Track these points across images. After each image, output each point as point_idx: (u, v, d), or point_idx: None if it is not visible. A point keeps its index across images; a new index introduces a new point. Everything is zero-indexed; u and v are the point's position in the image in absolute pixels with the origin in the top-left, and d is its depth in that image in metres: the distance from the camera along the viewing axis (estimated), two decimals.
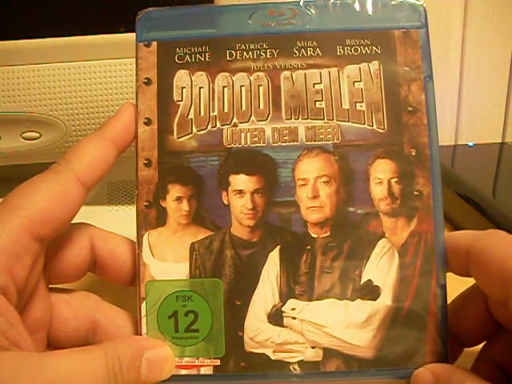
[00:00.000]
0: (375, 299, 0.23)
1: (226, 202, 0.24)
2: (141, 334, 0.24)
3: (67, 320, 0.23)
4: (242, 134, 0.24)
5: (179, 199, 0.24)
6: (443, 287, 0.23)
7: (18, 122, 0.33)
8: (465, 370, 0.21)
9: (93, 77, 0.33)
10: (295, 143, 0.24)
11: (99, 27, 0.33)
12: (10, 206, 0.21)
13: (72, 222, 0.23)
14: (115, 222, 0.27)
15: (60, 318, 0.23)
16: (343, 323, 0.23)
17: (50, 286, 0.24)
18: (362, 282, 0.23)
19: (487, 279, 0.21)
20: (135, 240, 0.24)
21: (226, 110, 0.25)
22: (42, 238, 0.21)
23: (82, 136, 0.34)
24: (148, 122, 0.25)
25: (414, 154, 0.24)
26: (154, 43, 0.25)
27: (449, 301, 0.24)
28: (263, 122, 0.24)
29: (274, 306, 0.24)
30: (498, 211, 0.37)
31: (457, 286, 0.25)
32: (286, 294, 0.24)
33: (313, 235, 0.24)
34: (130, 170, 0.25)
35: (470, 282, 0.23)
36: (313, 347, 0.23)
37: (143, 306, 0.24)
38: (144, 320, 0.24)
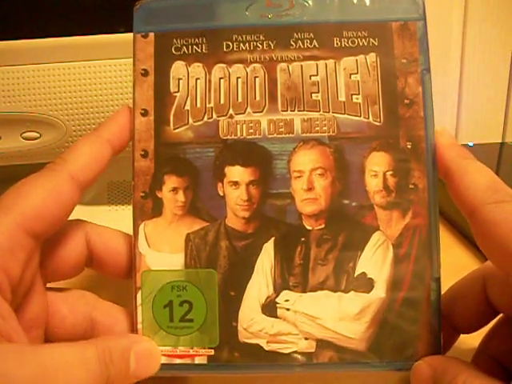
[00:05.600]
0: (369, 292, 0.22)
1: (221, 194, 0.23)
2: (136, 323, 0.23)
3: (65, 317, 0.23)
4: (238, 126, 0.24)
5: (175, 190, 0.24)
6: (437, 280, 0.22)
7: (18, 122, 0.32)
8: (462, 361, 0.21)
9: (93, 77, 0.32)
10: (291, 135, 0.23)
11: (99, 27, 0.32)
12: (4, 204, 0.20)
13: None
14: (115, 222, 0.26)
15: (58, 315, 0.23)
16: (337, 315, 0.22)
17: (48, 284, 0.23)
18: (356, 275, 0.23)
19: (492, 251, 0.20)
20: (131, 232, 0.24)
21: (222, 102, 0.24)
22: (37, 234, 0.21)
23: (82, 136, 0.33)
24: (145, 113, 0.24)
25: (409, 146, 0.23)
26: (152, 34, 0.24)
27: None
28: (259, 114, 0.24)
29: (267, 297, 0.23)
30: None
31: (452, 279, 0.24)
32: (280, 285, 0.23)
33: (307, 227, 0.23)
34: (130, 171, 0.24)
35: (464, 269, 0.23)
36: (306, 338, 0.22)
37: (139, 295, 0.23)
38: (139, 309, 0.23)
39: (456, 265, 0.24)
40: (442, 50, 0.56)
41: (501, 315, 0.23)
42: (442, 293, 0.22)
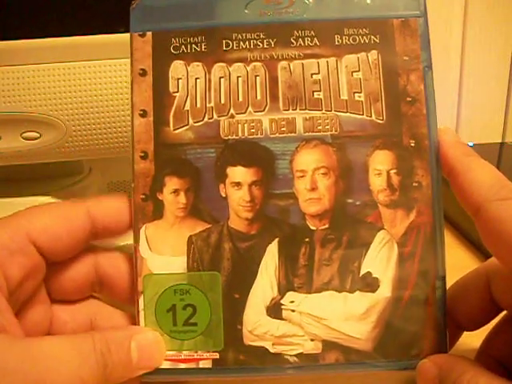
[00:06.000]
0: (374, 291, 0.22)
1: (223, 195, 0.23)
2: None
3: (65, 322, 0.23)
4: (239, 126, 0.23)
5: (176, 192, 0.23)
6: (442, 279, 0.22)
7: (18, 122, 0.32)
8: (467, 359, 0.20)
9: (93, 77, 0.32)
10: (293, 134, 0.23)
11: (99, 27, 0.31)
12: (17, 214, 0.21)
13: None
14: None
15: (59, 321, 0.23)
16: (342, 315, 0.22)
17: None
18: (361, 274, 0.22)
19: (497, 249, 0.20)
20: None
21: (222, 101, 0.23)
22: (40, 246, 0.21)
23: (82, 136, 0.32)
24: (144, 114, 0.23)
25: (413, 144, 0.23)
26: (149, 33, 0.24)
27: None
28: (260, 113, 0.23)
29: (272, 299, 0.23)
30: None
31: (454, 279, 0.24)
32: (285, 286, 0.22)
33: (311, 227, 0.23)
34: (130, 171, 0.23)
35: (465, 270, 0.22)
36: (312, 340, 0.22)
37: (141, 299, 0.23)
38: (142, 314, 0.23)
39: (458, 265, 0.24)
40: (442, 50, 0.56)
41: (504, 313, 0.23)
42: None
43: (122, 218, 0.23)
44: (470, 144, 0.48)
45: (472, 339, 0.24)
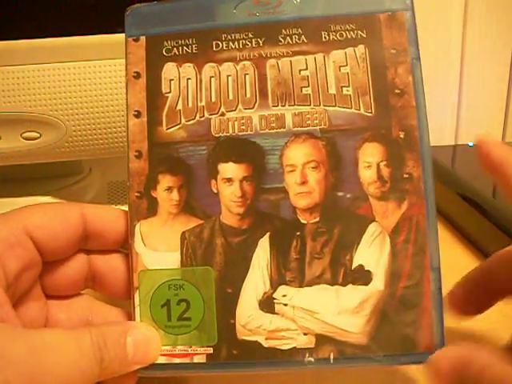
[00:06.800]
0: (367, 284, 0.22)
1: (215, 191, 0.23)
2: None
3: (60, 320, 0.23)
4: (230, 123, 0.24)
5: (169, 189, 0.23)
6: (437, 270, 0.22)
7: (18, 122, 0.33)
8: (487, 347, 0.18)
9: (93, 77, 0.32)
10: (282, 130, 0.23)
11: (99, 27, 0.32)
12: (15, 211, 0.22)
13: None
14: None
15: (53, 318, 0.23)
16: (335, 309, 0.22)
17: None
18: (353, 267, 0.22)
19: None
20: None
21: (213, 100, 0.24)
22: (36, 242, 0.21)
23: (82, 136, 0.33)
24: (138, 115, 0.24)
25: (402, 136, 0.23)
26: (143, 38, 0.24)
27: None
28: (250, 110, 0.23)
29: (265, 293, 0.22)
30: (498, 211, 0.36)
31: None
32: (277, 280, 0.22)
33: (302, 221, 0.23)
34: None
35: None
36: (305, 334, 0.22)
37: (136, 295, 0.23)
38: (137, 309, 0.23)
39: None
40: (442, 50, 0.56)
41: None
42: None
43: (116, 225, 0.23)
44: (470, 144, 0.47)
45: (472, 329, 0.23)
